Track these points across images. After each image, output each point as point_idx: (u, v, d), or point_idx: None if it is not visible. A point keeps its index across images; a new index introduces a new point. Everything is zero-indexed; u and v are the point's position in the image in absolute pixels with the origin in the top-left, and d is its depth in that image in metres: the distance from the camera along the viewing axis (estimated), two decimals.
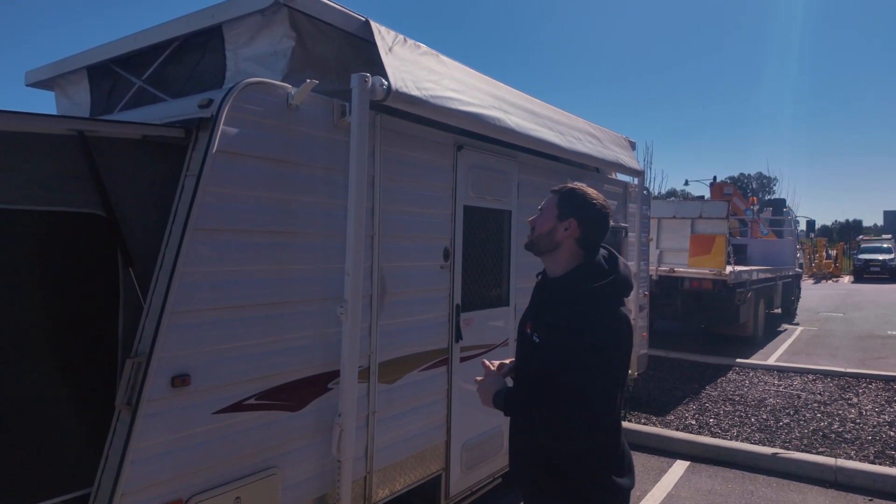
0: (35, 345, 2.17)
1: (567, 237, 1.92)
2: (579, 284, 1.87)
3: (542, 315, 1.93)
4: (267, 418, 2.52)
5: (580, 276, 1.88)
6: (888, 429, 5.79)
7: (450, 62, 3.41)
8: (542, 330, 1.89)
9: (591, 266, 1.89)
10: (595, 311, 1.81)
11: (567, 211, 1.93)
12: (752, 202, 16.50)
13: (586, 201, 1.94)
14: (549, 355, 1.83)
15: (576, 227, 1.91)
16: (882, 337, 11.55)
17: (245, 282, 2.41)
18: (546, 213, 1.97)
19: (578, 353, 1.74)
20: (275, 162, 2.52)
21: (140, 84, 3.31)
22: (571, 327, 1.79)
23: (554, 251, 1.95)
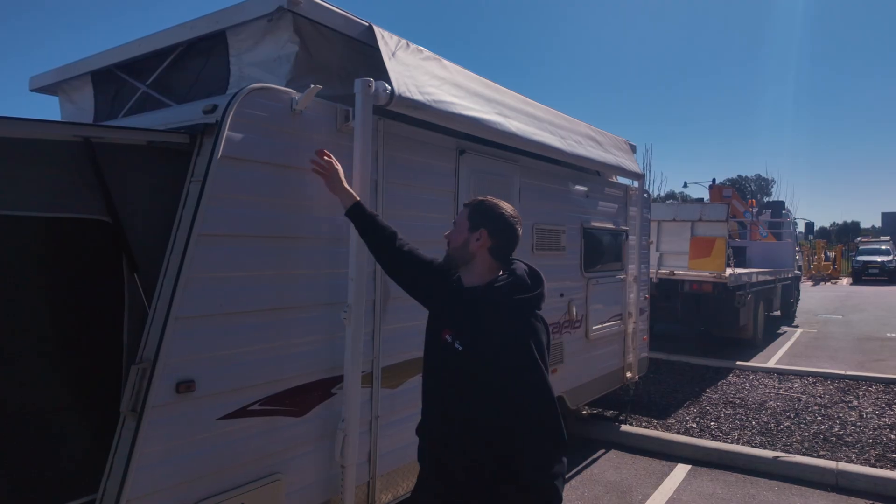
0: (40, 350, 2.17)
1: (480, 248, 2.02)
2: (507, 296, 1.94)
3: (465, 323, 1.98)
4: (271, 424, 2.51)
5: (507, 289, 1.96)
6: (889, 432, 5.79)
7: (452, 66, 3.42)
8: (467, 338, 1.95)
9: (516, 279, 1.98)
10: (521, 320, 1.93)
11: (477, 222, 2.02)
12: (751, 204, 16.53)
13: (495, 212, 2.04)
14: (476, 363, 1.91)
15: (486, 237, 2.01)
16: (881, 339, 11.57)
17: (249, 287, 2.41)
18: (459, 227, 2.06)
19: (519, 359, 1.87)
20: (279, 167, 2.52)
21: (144, 89, 3.32)
22: (504, 336, 1.89)
23: (470, 262, 2.04)
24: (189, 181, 2.30)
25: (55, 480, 2.19)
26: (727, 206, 9.91)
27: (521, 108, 4.02)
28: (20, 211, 2.10)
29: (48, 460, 2.17)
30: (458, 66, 3.50)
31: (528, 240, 4.34)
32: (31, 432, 2.14)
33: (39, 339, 2.18)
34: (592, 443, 5.68)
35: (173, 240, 2.23)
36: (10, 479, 2.11)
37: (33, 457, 2.14)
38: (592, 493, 4.54)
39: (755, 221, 15.26)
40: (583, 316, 5.10)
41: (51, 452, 2.18)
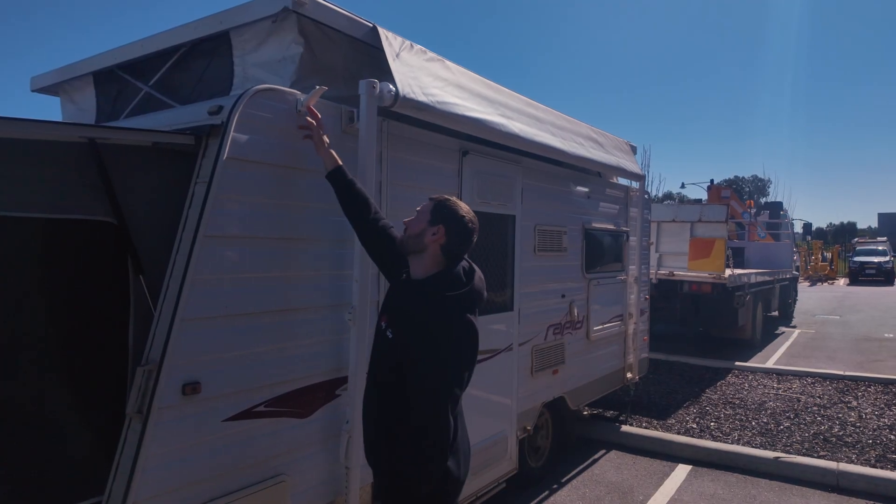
0: (45, 352, 2.16)
1: (433, 242, 2.09)
2: (436, 290, 2.03)
3: (397, 313, 2.10)
4: (276, 425, 2.51)
5: (438, 283, 2.05)
6: (888, 432, 5.81)
7: (455, 68, 3.42)
8: (396, 328, 2.07)
9: (449, 275, 2.07)
10: (445, 316, 1.99)
11: (438, 217, 2.10)
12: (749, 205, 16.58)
13: (457, 213, 2.12)
14: (400, 351, 2.02)
15: (443, 233, 2.08)
16: (879, 339, 11.60)
17: (255, 289, 2.40)
18: (420, 217, 2.14)
19: (424, 351, 1.95)
20: (285, 168, 2.52)
21: (147, 90, 3.31)
22: (421, 328, 1.98)
23: (420, 253, 2.11)
24: (194, 182, 2.29)
25: (60, 482, 2.18)
26: (726, 207, 9.94)
27: (524, 110, 4.03)
28: (25, 212, 2.10)
29: (53, 462, 2.17)
30: (460, 67, 3.50)
31: (531, 241, 4.34)
32: (35, 434, 2.13)
33: (44, 340, 2.17)
34: (593, 443, 5.69)
35: (179, 241, 2.23)
36: (14, 481, 2.10)
37: (37, 458, 2.13)
38: (594, 494, 4.54)
39: (753, 222, 15.30)
40: (584, 317, 5.10)
41: (55, 454, 2.17)
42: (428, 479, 1.97)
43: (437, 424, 1.94)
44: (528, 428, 4.35)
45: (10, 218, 2.06)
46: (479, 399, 3.81)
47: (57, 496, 2.15)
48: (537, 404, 4.48)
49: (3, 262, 2.09)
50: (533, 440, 4.62)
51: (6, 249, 2.09)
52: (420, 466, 1.96)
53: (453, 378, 1.97)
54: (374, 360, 2.19)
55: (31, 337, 2.14)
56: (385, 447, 2.08)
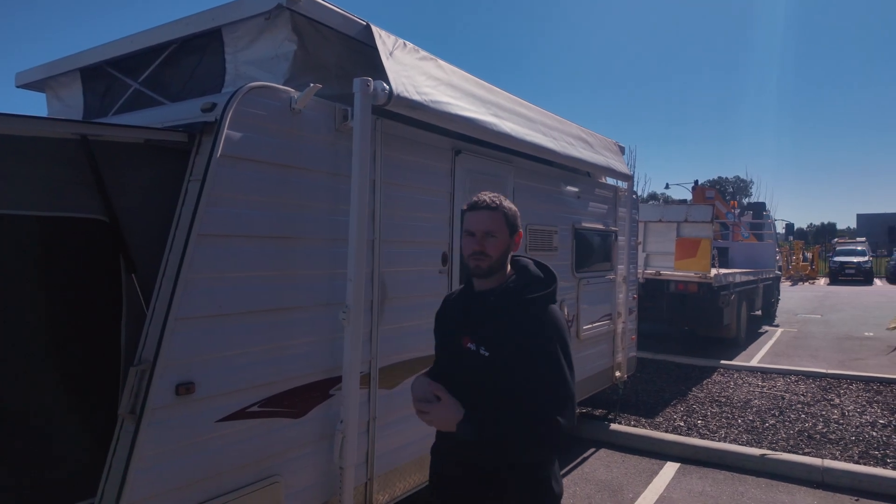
0: (36, 352, 2.13)
1: (514, 250, 1.94)
2: (524, 294, 1.86)
3: (483, 328, 1.87)
4: (270, 425, 2.49)
5: (524, 286, 1.88)
6: (871, 429, 5.91)
7: (448, 67, 3.42)
8: (490, 342, 1.83)
9: (532, 277, 1.91)
10: (547, 316, 1.84)
11: (514, 226, 1.92)
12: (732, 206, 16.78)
13: (518, 212, 1.95)
14: (503, 368, 1.79)
15: (520, 238, 1.95)
16: (860, 338, 11.79)
17: (249, 288, 2.39)
18: (499, 235, 1.87)
19: (543, 358, 1.77)
20: (278, 167, 2.50)
21: (136, 86, 3.27)
22: (527, 335, 1.79)
23: (503, 267, 1.91)
24: (188, 180, 2.27)
25: (50, 484, 2.14)
26: (712, 208, 10.04)
27: (515, 109, 4.04)
28: (15, 210, 2.06)
29: (43, 463, 2.13)
30: (453, 66, 3.50)
31: (523, 240, 4.34)
32: (25, 435, 2.09)
33: (34, 340, 2.13)
34: (583, 442, 5.71)
35: (172, 240, 2.20)
36: (4, 482, 2.06)
37: (28, 460, 2.09)
38: (584, 492, 4.57)
39: (737, 223, 15.48)
40: (574, 316, 5.13)
41: (45, 455, 2.14)
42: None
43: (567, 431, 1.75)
44: None
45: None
46: None
47: (47, 498, 2.11)
48: None
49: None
50: None
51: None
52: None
53: (572, 377, 1.81)
54: (461, 385, 1.84)
55: (20, 336, 2.10)
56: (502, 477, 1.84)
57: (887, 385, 7.69)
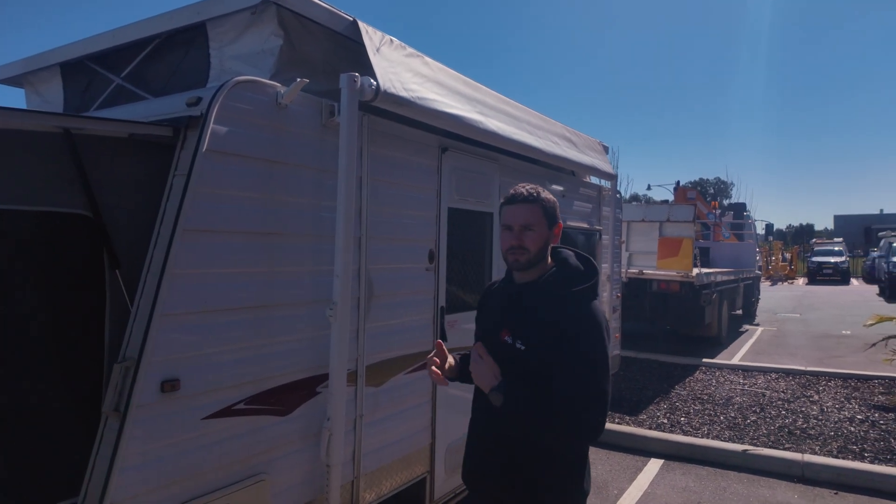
0: (17, 349, 2.08)
1: (557, 242, 1.94)
2: (564, 287, 1.84)
3: (521, 322, 1.86)
4: (256, 423, 2.47)
5: (564, 280, 1.85)
6: (849, 424, 6.02)
7: (434, 64, 3.42)
8: (527, 336, 1.82)
9: (570, 270, 1.89)
10: (586, 311, 1.80)
11: (553, 218, 1.90)
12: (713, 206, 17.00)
13: (555, 203, 1.94)
14: (538, 360, 1.79)
15: (559, 230, 1.92)
16: (838, 336, 12.02)
17: (235, 284, 2.36)
18: (538, 228, 1.87)
19: (578, 357, 1.74)
20: (264, 162, 2.48)
21: (118, 82, 3.22)
22: (565, 330, 1.77)
23: (543, 258, 1.91)
24: (173, 175, 2.24)
25: (32, 483, 2.10)
26: (693, 207, 10.18)
27: (501, 108, 4.05)
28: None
29: (24, 462, 2.09)
30: (439, 63, 3.50)
31: None
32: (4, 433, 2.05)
33: (15, 337, 2.09)
34: None
35: (157, 235, 2.17)
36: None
37: (10, 459, 2.05)
38: None
39: (718, 223, 15.69)
40: None
41: (26, 454, 2.09)
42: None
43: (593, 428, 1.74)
44: None
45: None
46: (460, 396, 3.81)
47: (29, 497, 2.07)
48: None
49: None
50: None
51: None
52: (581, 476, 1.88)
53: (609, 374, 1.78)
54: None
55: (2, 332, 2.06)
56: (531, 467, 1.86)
57: (864, 381, 7.85)
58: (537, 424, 1.75)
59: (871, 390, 7.39)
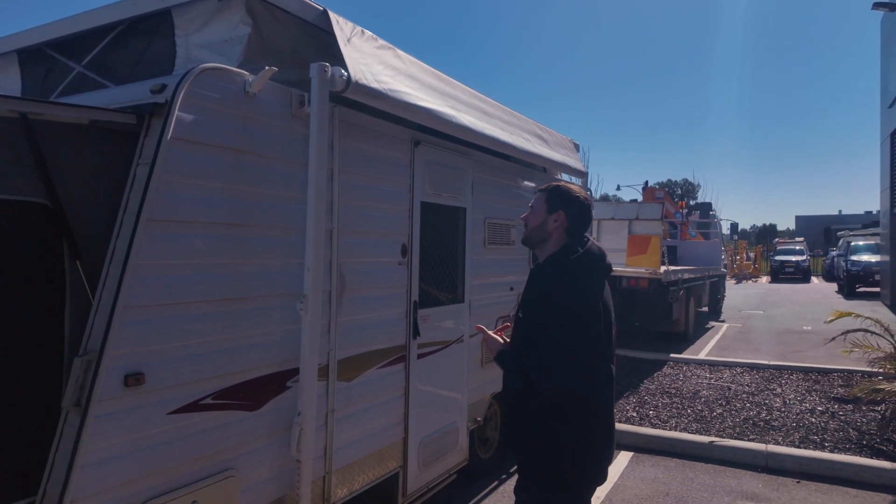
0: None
1: (557, 227, 2.22)
2: (554, 261, 2.18)
3: (525, 294, 2.25)
4: (224, 418, 2.42)
5: (556, 254, 2.19)
6: (809, 416, 6.20)
7: (406, 57, 3.40)
8: (524, 307, 2.19)
9: (566, 247, 2.19)
10: (565, 281, 2.10)
11: (555, 205, 2.23)
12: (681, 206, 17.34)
13: (571, 195, 2.25)
14: (523, 328, 2.14)
15: (564, 217, 2.21)
16: (799, 332, 12.38)
17: (201, 276, 2.31)
18: (536, 209, 2.27)
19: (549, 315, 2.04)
20: (232, 151, 2.43)
21: (80, 70, 3.12)
22: (544, 295, 2.10)
23: (545, 241, 2.25)
24: (136, 164, 2.18)
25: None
26: (661, 206, 10.36)
27: (473, 103, 4.05)
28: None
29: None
30: (411, 56, 3.48)
31: (481, 234, 4.37)
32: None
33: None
34: None
35: (119, 225, 2.11)
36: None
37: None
38: None
39: (685, 222, 16.00)
40: None
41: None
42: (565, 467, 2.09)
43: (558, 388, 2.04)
44: (478, 419, 4.38)
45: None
46: (432, 390, 3.81)
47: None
48: (487, 395, 4.52)
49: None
50: (483, 431, 4.65)
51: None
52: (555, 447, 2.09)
53: (579, 343, 2.02)
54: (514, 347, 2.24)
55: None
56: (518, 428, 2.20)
57: (824, 374, 8.10)
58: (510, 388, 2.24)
59: (831, 383, 7.63)
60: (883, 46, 17.70)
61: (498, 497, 4.34)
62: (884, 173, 17.88)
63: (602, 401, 2.12)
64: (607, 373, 2.16)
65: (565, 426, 2.06)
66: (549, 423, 2.06)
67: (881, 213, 18.88)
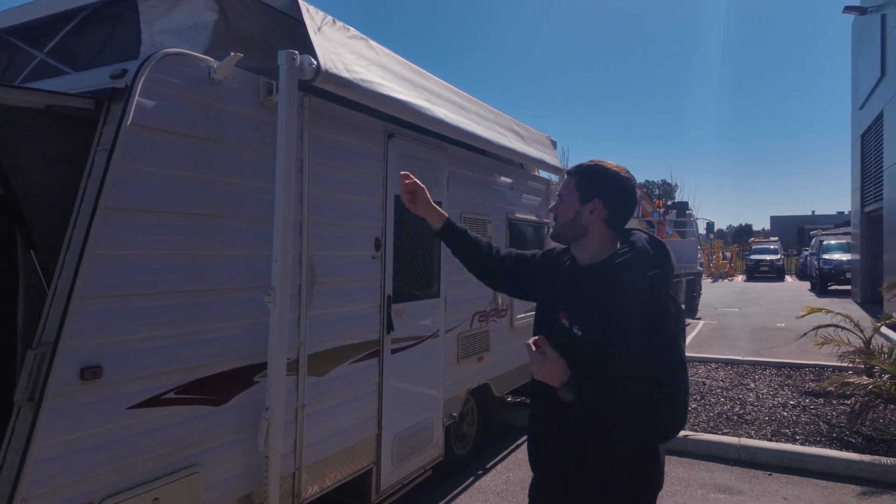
0: None
1: (595, 220, 1.75)
2: (631, 272, 1.67)
3: (582, 306, 1.72)
4: (188, 413, 2.35)
5: (630, 263, 1.68)
6: (782, 410, 6.29)
7: (379, 48, 3.36)
8: (586, 322, 1.69)
9: (637, 251, 1.71)
10: (657, 298, 1.64)
11: (589, 192, 1.75)
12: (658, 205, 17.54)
13: (608, 176, 1.76)
14: (597, 348, 1.65)
15: (602, 207, 1.74)
16: (773, 329, 12.58)
17: (164, 266, 2.24)
18: (567, 199, 1.79)
19: (653, 344, 1.60)
20: (196, 139, 2.37)
21: (41, 57, 3.02)
22: (633, 318, 1.61)
23: (582, 238, 1.78)
24: (95, 150, 2.11)
25: None
26: (638, 204, 10.42)
27: (448, 96, 4.02)
28: None
29: None
30: (385, 48, 3.44)
31: None
32: None
33: None
34: (516, 430, 5.77)
35: (77, 214, 2.04)
36: None
37: None
38: (518, 477, 4.61)
39: (662, 220, 16.19)
40: (508, 305, 5.17)
41: None
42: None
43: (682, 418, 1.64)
44: (454, 415, 4.35)
45: None
46: (407, 386, 3.77)
47: None
48: (463, 391, 4.49)
49: None
50: (459, 427, 4.63)
51: None
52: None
53: (683, 365, 1.64)
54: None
55: None
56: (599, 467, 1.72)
57: (796, 370, 8.23)
58: (616, 420, 1.64)
59: (803, 378, 7.75)
60: (854, 50, 18.08)
61: (474, 493, 4.32)
62: (855, 174, 18.27)
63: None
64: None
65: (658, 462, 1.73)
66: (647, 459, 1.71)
67: (852, 213, 19.30)
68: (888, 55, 13.48)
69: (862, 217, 17.09)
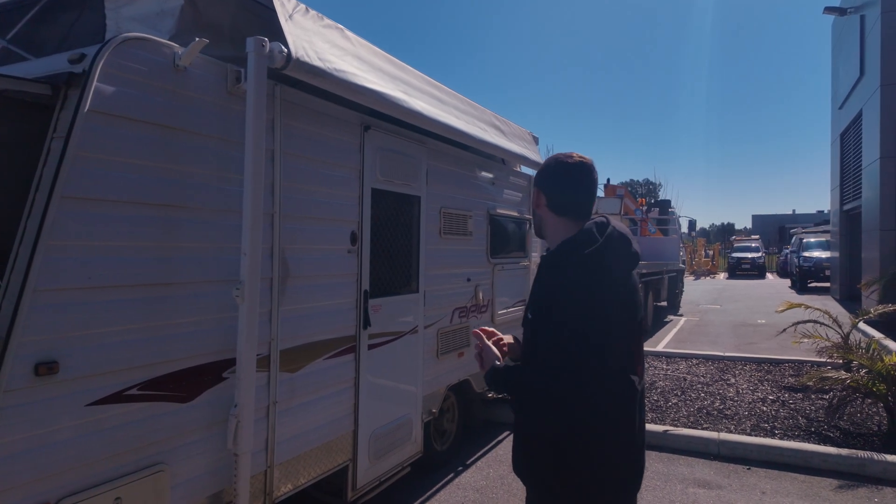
0: None
1: (541, 208, 1.82)
2: (563, 256, 1.72)
3: (532, 292, 1.81)
4: (152, 410, 2.28)
5: (563, 247, 1.73)
6: (761, 405, 6.33)
7: (355, 38, 3.29)
8: (531, 307, 1.77)
9: (578, 236, 1.72)
10: (555, 279, 1.68)
11: (536, 184, 1.86)
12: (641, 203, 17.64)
13: (547, 165, 1.82)
14: (531, 332, 1.73)
15: (539, 194, 1.82)
16: (753, 325, 12.70)
17: (124, 259, 2.16)
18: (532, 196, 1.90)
19: (548, 324, 1.64)
20: (159, 127, 2.29)
21: (3, 44, 2.92)
22: (550, 298, 1.67)
23: (543, 229, 1.86)
24: (51, 138, 2.03)
25: None
26: (620, 200, 10.47)
27: (427, 89, 3.97)
28: None
29: None
30: (361, 38, 3.38)
31: (436, 223, 4.30)
32: None
33: None
34: (497, 426, 5.74)
35: (31, 203, 1.96)
36: None
37: None
38: (498, 473, 4.58)
39: (645, 218, 16.28)
40: (489, 301, 5.14)
41: None
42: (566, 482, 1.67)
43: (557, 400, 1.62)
44: (433, 411, 4.31)
45: None
46: (384, 382, 3.71)
47: None
48: (442, 387, 4.45)
49: None
50: (439, 423, 4.58)
51: None
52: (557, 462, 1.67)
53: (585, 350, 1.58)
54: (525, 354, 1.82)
55: None
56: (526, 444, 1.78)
57: (776, 365, 8.30)
58: (520, 407, 1.75)
59: (782, 373, 7.82)
60: (834, 50, 18.31)
61: (454, 489, 4.28)
62: (834, 173, 18.51)
63: (621, 418, 1.67)
64: (625, 385, 1.67)
65: (574, 454, 1.65)
66: (557, 450, 1.67)
67: (832, 212, 19.56)
68: (867, 55, 13.67)
69: (841, 215, 17.33)
